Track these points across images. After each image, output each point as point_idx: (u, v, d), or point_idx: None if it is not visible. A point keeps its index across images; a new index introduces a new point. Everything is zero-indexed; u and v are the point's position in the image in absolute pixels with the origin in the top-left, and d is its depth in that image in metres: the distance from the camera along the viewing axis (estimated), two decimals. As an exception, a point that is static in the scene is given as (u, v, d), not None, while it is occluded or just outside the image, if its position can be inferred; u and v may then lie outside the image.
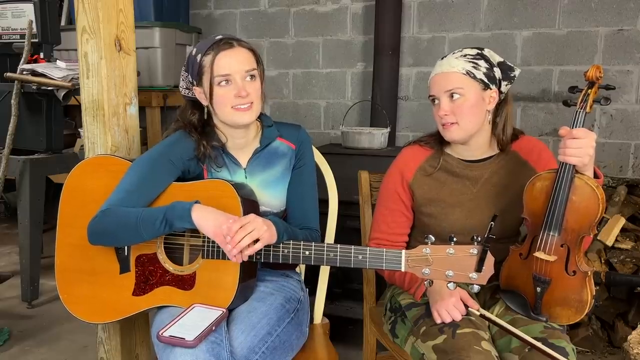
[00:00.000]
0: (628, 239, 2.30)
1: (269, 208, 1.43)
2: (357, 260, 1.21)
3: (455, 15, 3.04)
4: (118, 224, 1.27)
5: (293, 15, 3.40)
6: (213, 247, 1.28)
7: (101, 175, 1.39)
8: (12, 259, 3.43)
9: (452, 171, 1.45)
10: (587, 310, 1.27)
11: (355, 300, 2.34)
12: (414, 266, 1.17)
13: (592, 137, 1.19)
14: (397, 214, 1.50)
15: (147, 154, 1.38)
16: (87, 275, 1.37)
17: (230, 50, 1.31)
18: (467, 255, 1.14)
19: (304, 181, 1.47)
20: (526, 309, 1.31)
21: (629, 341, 1.74)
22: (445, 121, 1.37)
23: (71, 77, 2.50)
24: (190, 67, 1.35)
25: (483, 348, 1.20)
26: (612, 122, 2.84)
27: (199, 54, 1.32)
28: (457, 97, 1.34)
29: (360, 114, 3.26)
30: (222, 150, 1.40)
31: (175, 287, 1.31)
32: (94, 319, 1.38)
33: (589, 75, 1.23)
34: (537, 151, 1.44)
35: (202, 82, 1.33)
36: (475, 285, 1.14)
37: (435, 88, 1.38)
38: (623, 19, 2.74)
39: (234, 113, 1.33)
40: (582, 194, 1.21)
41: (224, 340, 1.18)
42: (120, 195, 1.30)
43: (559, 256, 1.26)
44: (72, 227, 1.39)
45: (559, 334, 1.25)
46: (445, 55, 1.40)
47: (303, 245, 1.25)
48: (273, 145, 1.46)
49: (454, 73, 1.35)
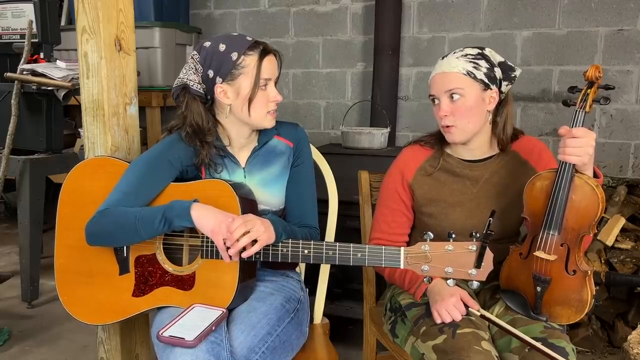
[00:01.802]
0: (628, 239, 2.30)
1: (267, 207, 1.43)
2: (356, 258, 1.21)
3: (455, 15, 3.04)
4: (116, 224, 1.27)
5: (293, 15, 3.40)
6: (212, 247, 1.28)
7: (99, 176, 1.38)
8: (12, 259, 3.43)
9: (452, 171, 1.45)
10: (587, 310, 1.27)
11: (355, 300, 2.34)
12: (413, 263, 1.17)
13: (591, 136, 1.19)
14: (398, 214, 1.49)
15: (145, 155, 1.37)
16: (86, 277, 1.37)
17: (271, 56, 1.34)
18: (466, 251, 1.14)
19: (302, 179, 1.47)
20: (526, 309, 1.31)
21: (629, 341, 1.74)
22: (444, 123, 1.37)
23: (71, 77, 2.50)
24: (216, 62, 1.31)
25: (483, 348, 1.20)
26: (612, 122, 2.84)
27: (233, 51, 1.30)
28: (457, 98, 1.34)
29: (360, 114, 3.26)
30: (223, 150, 1.40)
31: (175, 287, 1.31)
32: (94, 320, 1.38)
33: (588, 75, 1.23)
34: (537, 151, 1.44)
35: (236, 80, 1.31)
36: (474, 281, 1.14)
37: (435, 88, 1.38)
38: (623, 19, 2.74)
39: (265, 116, 1.36)
40: (582, 193, 1.21)
41: (224, 340, 1.18)
42: (118, 196, 1.30)
43: (559, 255, 1.26)
44: (71, 229, 1.39)
45: (559, 334, 1.25)
46: (446, 55, 1.40)
47: (302, 244, 1.25)
48: (271, 143, 1.46)
49: (454, 73, 1.35)
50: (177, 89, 1.37)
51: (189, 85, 1.35)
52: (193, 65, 1.35)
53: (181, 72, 1.37)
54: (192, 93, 1.35)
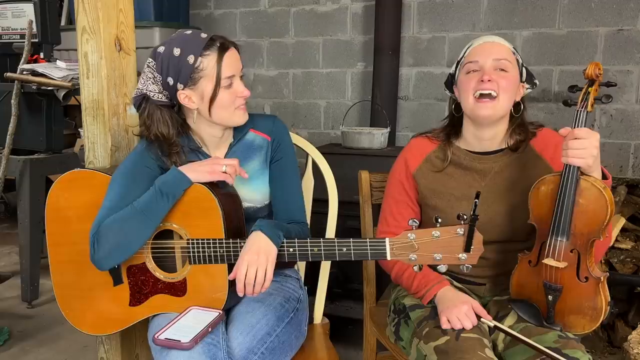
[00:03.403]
0: (628, 239, 2.30)
1: (251, 203, 1.41)
2: (342, 253, 1.19)
3: (455, 15, 3.04)
4: (120, 230, 1.23)
5: (293, 15, 3.40)
6: (199, 252, 1.26)
7: (81, 190, 1.35)
8: (12, 259, 3.43)
9: (459, 163, 1.40)
10: (603, 318, 1.21)
11: (355, 300, 2.34)
12: (400, 253, 1.14)
13: (595, 137, 1.14)
14: (402, 205, 1.46)
15: (121, 167, 1.33)
16: (83, 291, 1.36)
17: (231, 51, 1.29)
18: (454, 236, 1.11)
19: (285, 174, 1.43)
20: (539, 319, 1.25)
21: (629, 341, 1.74)
22: (485, 88, 1.28)
23: (71, 77, 2.50)
24: (174, 68, 1.25)
25: (487, 355, 1.16)
26: (612, 122, 2.84)
27: (189, 55, 1.24)
28: (503, 71, 1.29)
29: (360, 114, 3.26)
30: (197, 151, 1.37)
31: (169, 294, 1.31)
32: (97, 331, 1.38)
33: (588, 73, 1.20)
34: (552, 145, 1.36)
35: (198, 84, 1.27)
36: (466, 265, 1.11)
37: (483, 54, 1.31)
38: (623, 19, 2.74)
39: (234, 113, 1.32)
40: (589, 196, 1.16)
41: (221, 342, 1.18)
42: (104, 212, 1.26)
43: (569, 262, 1.20)
44: (61, 245, 1.38)
45: (574, 343, 1.19)
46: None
47: (287, 243, 1.23)
48: (248, 138, 1.42)
49: (505, 46, 1.32)
50: (138, 99, 1.32)
51: (149, 95, 1.30)
52: (151, 75, 1.30)
53: (139, 81, 1.32)
54: (154, 102, 1.30)
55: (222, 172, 1.26)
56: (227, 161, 1.28)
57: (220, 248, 1.25)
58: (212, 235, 1.25)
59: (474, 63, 1.32)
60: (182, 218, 1.27)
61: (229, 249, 1.24)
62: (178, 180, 1.24)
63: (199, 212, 1.26)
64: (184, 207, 1.26)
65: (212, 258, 1.26)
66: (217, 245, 1.25)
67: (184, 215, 1.27)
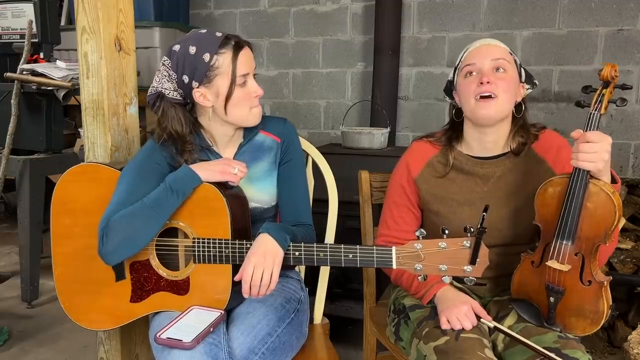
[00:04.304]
0: (628, 239, 2.30)
1: (258, 204, 1.41)
2: (348, 260, 1.20)
3: (455, 15, 3.04)
4: (129, 225, 1.24)
5: (293, 15, 3.40)
6: (204, 251, 1.27)
7: (89, 184, 1.36)
8: (12, 259, 3.43)
9: (461, 168, 1.40)
10: (604, 321, 1.20)
11: (355, 300, 2.34)
12: (405, 263, 1.15)
13: (607, 141, 1.11)
14: (403, 209, 1.45)
15: (131, 163, 1.34)
16: (85, 284, 1.37)
17: (245, 50, 1.31)
18: (460, 247, 1.11)
19: (293, 176, 1.44)
20: (539, 319, 1.25)
21: (629, 341, 1.74)
22: (485, 90, 1.27)
23: (71, 77, 2.50)
24: (189, 66, 1.27)
25: (487, 356, 1.16)
26: (612, 122, 2.84)
27: (204, 53, 1.26)
28: (502, 71, 1.30)
29: (360, 114, 3.26)
30: (208, 150, 1.39)
31: (171, 292, 1.31)
32: (95, 326, 1.38)
33: (604, 74, 1.17)
34: (555, 148, 1.35)
35: (213, 82, 1.28)
36: (470, 277, 1.11)
37: (479, 56, 1.31)
38: (623, 19, 2.74)
39: (250, 112, 1.34)
40: (597, 200, 1.14)
41: (222, 342, 1.18)
42: (112, 208, 1.27)
43: (573, 265, 1.19)
44: (66, 237, 1.38)
45: (574, 343, 1.18)
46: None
47: (293, 247, 1.23)
48: (258, 139, 1.43)
49: (501, 47, 1.32)
50: (153, 97, 1.34)
51: (164, 93, 1.32)
52: (166, 72, 1.32)
53: (154, 79, 1.33)
54: (168, 100, 1.32)
55: (233, 174, 1.28)
56: (238, 164, 1.30)
57: (225, 248, 1.25)
58: (218, 235, 1.26)
59: (471, 65, 1.32)
60: (189, 216, 1.28)
61: (234, 250, 1.25)
62: (189, 177, 1.26)
63: (206, 212, 1.27)
64: (192, 205, 1.27)
65: (217, 258, 1.26)
66: (222, 246, 1.25)
67: (191, 214, 1.28)
